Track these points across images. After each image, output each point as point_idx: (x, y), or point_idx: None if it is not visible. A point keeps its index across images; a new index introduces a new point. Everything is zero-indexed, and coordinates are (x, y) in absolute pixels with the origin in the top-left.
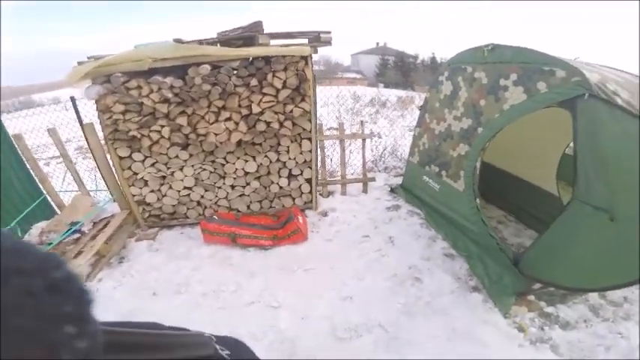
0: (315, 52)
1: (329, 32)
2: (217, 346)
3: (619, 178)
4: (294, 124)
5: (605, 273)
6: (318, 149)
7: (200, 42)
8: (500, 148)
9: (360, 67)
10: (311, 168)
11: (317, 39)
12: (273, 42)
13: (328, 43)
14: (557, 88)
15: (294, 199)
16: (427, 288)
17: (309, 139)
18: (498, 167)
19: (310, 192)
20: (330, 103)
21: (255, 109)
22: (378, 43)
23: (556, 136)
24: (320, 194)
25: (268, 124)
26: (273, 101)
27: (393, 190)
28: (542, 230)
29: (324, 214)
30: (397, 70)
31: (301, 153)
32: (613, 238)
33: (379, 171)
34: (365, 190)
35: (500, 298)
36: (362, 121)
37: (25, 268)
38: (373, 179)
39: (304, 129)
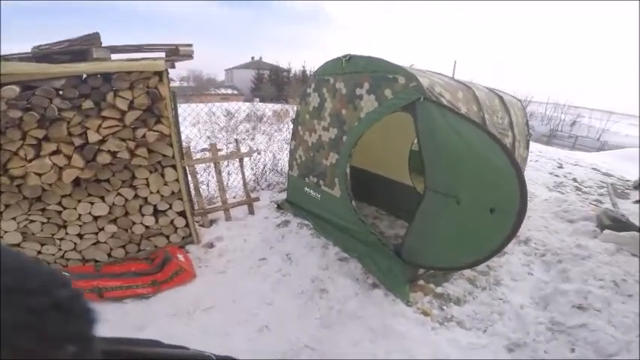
0: (172, 66)
1: (189, 45)
2: None
3: (456, 166)
4: (150, 151)
5: (463, 252)
6: (189, 176)
7: (5, 58)
8: (364, 151)
9: (234, 82)
10: (182, 199)
11: (175, 52)
12: (118, 57)
13: (189, 56)
14: (399, 94)
15: (168, 236)
16: (334, 296)
17: (174, 167)
18: (364, 169)
19: (187, 225)
20: (203, 121)
21: (93, 138)
22: (253, 58)
23: (403, 136)
24: (200, 225)
25: (114, 154)
26: (117, 126)
27: (279, 207)
28: (410, 220)
29: (210, 245)
30: (272, 83)
31: (166, 184)
32: (463, 219)
33: (262, 189)
34: (251, 212)
35: (397, 288)
36: (237, 140)
37: (29, 287)
38: (257, 199)
39: (165, 155)
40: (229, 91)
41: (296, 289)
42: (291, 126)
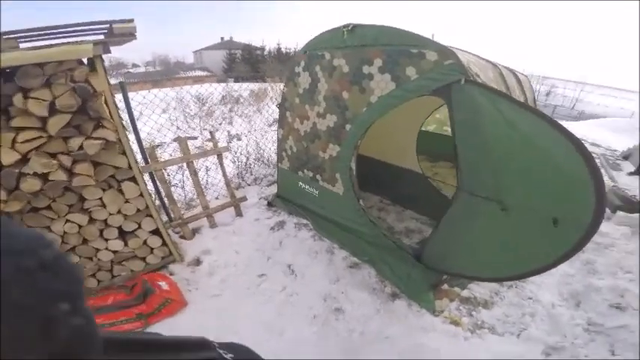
0: (107, 51)
1: (128, 21)
2: (220, 351)
3: (504, 166)
4: (96, 164)
5: (506, 263)
6: (157, 182)
7: None
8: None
9: (204, 64)
10: (151, 216)
11: (110, 33)
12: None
13: (129, 36)
14: (429, 74)
15: (144, 258)
16: (353, 316)
17: (134, 180)
18: (365, 155)
19: (164, 244)
20: (173, 108)
21: (9, 158)
22: (222, 38)
23: (410, 116)
24: (181, 237)
25: (45, 177)
26: (40, 137)
27: (270, 204)
28: (435, 222)
29: (197, 262)
30: (246, 63)
31: (127, 201)
32: (509, 228)
33: (248, 184)
34: (239, 213)
35: (420, 297)
36: (211, 132)
37: (15, 248)
38: (244, 198)
39: (118, 167)
40: (201, 73)
41: (307, 312)
42: (272, 107)
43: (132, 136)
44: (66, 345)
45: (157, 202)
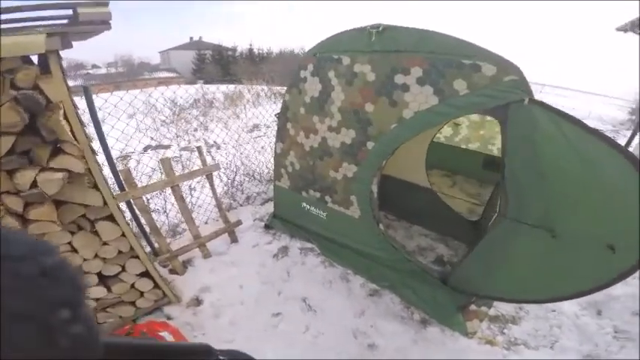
0: (68, 45)
1: (103, 4)
2: (221, 357)
3: (560, 193)
4: (59, 203)
5: (554, 286)
6: (137, 211)
7: None
8: None
9: (171, 65)
10: (138, 257)
11: (73, 21)
12: None
13: (102, 25)
14: (484, 90)
15: (133, 302)
16: (388, 350)
17: (112, 219)
18: None
19: (156, 286)
20: (141, 112)
21: None
22: (191, 38)
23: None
24: (171, 271)
25: None
26: None
27: (268, 226)
28: (444, 237)
29: (197, 302)
30: (216, 64)
31: (106, 244)
32: (558, 254)
33: (241, 205)
34: (234, 239)
35: (450, 320)
36: (199, 148)
37: (14, 254)
38: (239, 222)
39: (89, 206)
40: (168, 74)
41: (337, 353)
42: (251, 111)
43: (101, 156)
44: (66, 353)
45: (136, 229)
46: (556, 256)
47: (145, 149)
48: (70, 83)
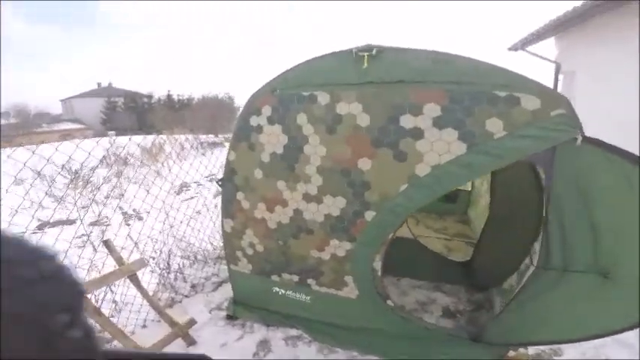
0: None
1: None
2: None
3: (613, 237)
4: None
5: (602, 324)
6: None
7: None
8: None
9: (75, 115)
10: None
11: None
12: None
13: None
14: (525, 129)
15: None
16: None
17: None
18: None
19: None
20: (32, 176)
21: None
22: (99, 84)
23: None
24: None
25: None
26: None
27: (232, 317)
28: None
29: None
30: (130, 112)
31: None
32: (608, 295)
33: (186, 296)
34: (191, 342)
35: None
36: (107, 242)
37: (14, 258)
38: (193, 321)
39: None
40: (72, 126)
41: None
42: (178, 165)
43: None
44: (65, 358)
45: None
46: (608, 294)
47: (40, 227)
48: None
